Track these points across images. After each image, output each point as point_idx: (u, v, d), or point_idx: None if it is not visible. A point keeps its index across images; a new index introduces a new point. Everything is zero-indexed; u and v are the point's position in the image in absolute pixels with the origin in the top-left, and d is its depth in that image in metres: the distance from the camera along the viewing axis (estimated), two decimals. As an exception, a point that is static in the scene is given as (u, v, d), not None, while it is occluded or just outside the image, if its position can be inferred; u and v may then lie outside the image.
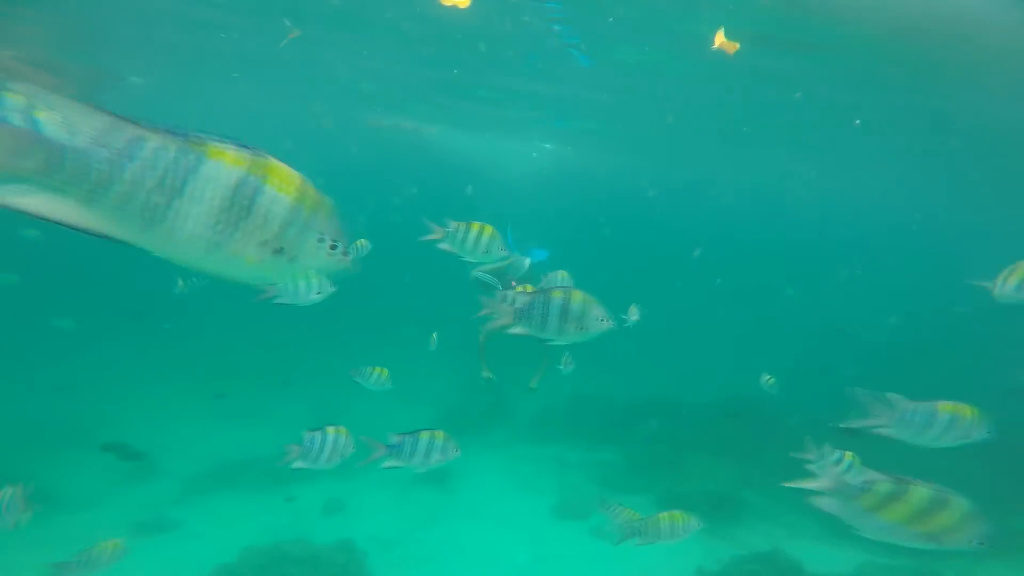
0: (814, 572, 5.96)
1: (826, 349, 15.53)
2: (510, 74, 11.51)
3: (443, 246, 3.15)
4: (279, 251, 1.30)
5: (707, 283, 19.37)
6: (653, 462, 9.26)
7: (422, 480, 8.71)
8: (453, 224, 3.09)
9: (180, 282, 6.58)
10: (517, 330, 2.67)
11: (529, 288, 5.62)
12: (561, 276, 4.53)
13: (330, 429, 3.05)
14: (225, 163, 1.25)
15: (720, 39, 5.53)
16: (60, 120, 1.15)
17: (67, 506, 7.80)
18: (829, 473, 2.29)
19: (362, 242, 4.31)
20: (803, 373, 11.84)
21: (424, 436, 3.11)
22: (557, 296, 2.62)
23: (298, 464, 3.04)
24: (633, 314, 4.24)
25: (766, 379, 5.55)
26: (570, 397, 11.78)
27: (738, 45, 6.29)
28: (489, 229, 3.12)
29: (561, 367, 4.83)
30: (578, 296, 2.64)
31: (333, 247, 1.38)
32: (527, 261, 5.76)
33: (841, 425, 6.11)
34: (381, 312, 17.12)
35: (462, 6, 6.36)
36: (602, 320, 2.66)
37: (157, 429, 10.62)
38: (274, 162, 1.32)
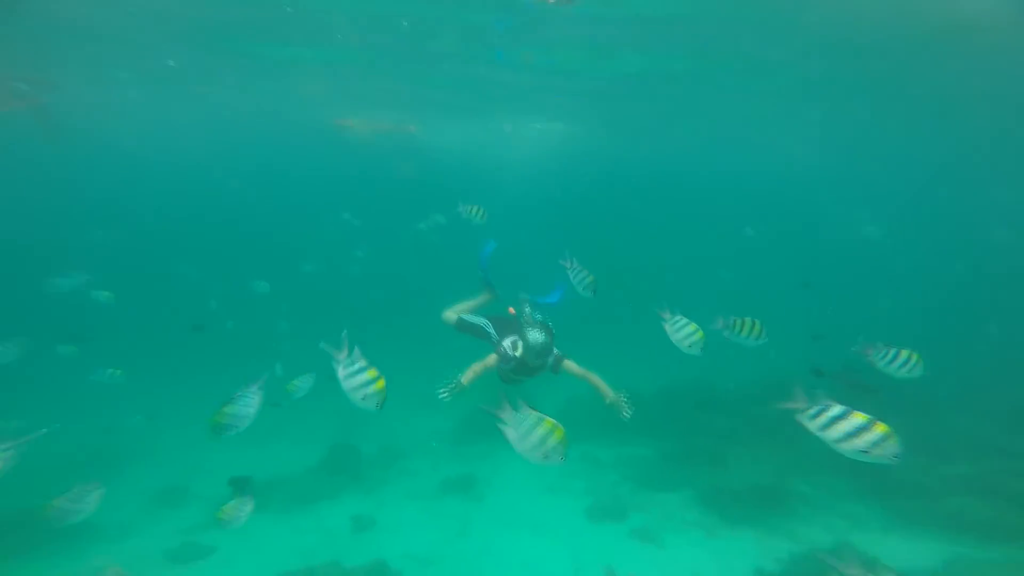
0: (895, 567, 5.37)
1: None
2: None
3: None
4: None
5: (717, 256, 18.63)
6: (690, 454, 8.77)
7: (449, 489, 8.45)
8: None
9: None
10: None
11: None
12: None
13: None
14: None
15: None
16: None
17: (103, 536, 7.79)
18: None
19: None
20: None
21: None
22: None
23: None
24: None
25: None
26: (593, 389, 11.30)
27: None
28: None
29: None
30: None
31: None
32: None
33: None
34: (402, 324, 17.11)
35: None
36: None
37: (182, 452, 10.65)
38: None
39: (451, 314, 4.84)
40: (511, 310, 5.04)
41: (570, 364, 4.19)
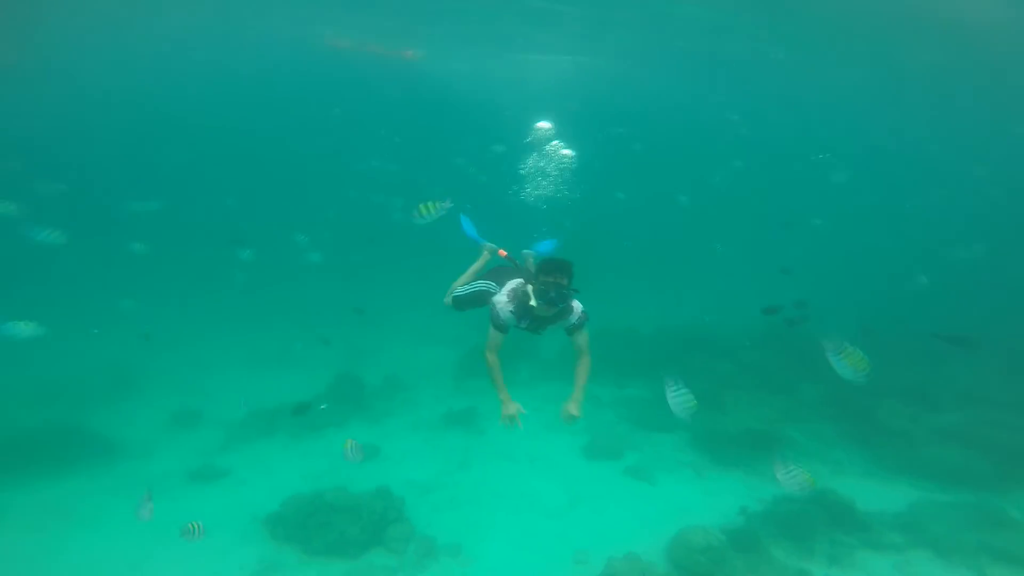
0: (866, 510, 5.67)
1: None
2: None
3: None
4: None
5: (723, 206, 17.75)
6: (687, 397, 8.92)
7: (451, 423, 8.78)
8: None
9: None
10: None
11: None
12: None
13: None
14: None
15: None
16: None
17: (128, 454, 8.23)
18: None
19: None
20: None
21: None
22: None
23: None
24: None
25: None
26: (595, 330, 11.28)
27: None
28: None
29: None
30: None
31: None
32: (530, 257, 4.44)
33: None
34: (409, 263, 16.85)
35: None
36: None
37: (200, 378, 11.02)
38: None
39: (447, 298, 4.28)
40: (502, 252, 4.47)
41: (584, 336, 3.69)
